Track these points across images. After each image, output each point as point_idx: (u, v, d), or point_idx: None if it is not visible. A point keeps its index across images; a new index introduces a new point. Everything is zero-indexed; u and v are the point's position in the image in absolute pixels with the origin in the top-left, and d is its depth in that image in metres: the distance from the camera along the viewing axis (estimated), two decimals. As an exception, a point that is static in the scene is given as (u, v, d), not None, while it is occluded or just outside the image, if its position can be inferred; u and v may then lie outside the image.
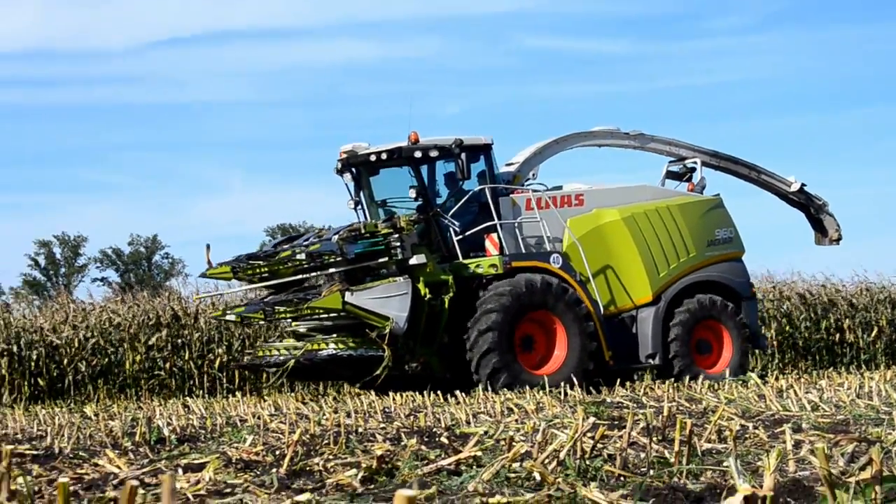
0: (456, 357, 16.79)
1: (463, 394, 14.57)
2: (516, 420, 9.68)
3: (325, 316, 16.65)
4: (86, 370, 22.25)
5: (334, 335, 16.74)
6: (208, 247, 16.99)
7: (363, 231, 16.49)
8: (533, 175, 18.97)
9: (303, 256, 16.55)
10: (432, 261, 16.63)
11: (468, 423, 9.78)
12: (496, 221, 17.32)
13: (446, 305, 16.59)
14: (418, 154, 17.26)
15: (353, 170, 17.88)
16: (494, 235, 17.34)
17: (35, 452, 8.59)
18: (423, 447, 7.60)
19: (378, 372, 15.98)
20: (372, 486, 6.18)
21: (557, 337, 17.08)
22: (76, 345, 22.50)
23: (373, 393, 15.39)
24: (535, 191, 18.36)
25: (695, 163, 19.84)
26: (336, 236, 16.47)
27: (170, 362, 22.58)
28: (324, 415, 11.60)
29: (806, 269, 32.68)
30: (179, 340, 22.94)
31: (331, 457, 7.41)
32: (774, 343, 27.71)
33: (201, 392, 18.86)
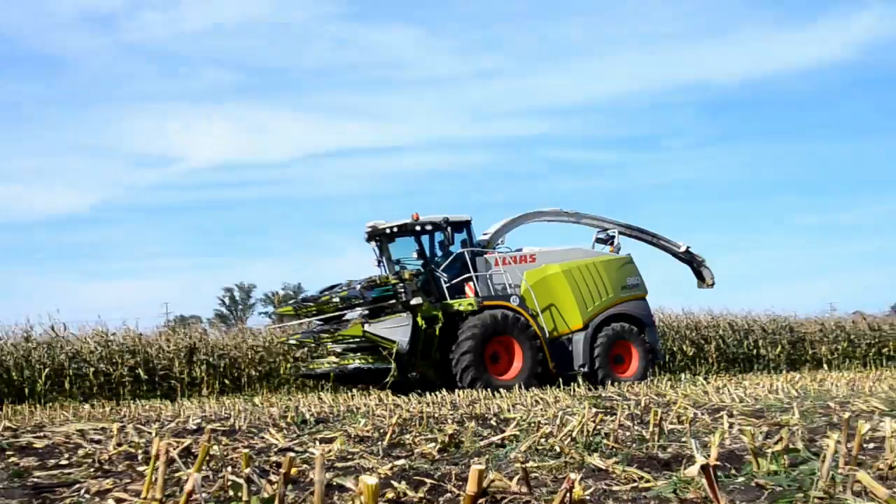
0: (445, 368, 16.64)
1: (493, 391, 14.41)
2: (541, 409, 9.54)
3: (352, 340, 16.40)
4: (255, 373, 22.34)
5: (359, 354, 16.46)
6: (277, 293, 17.52)
7: (378, 281, 16.40)
8: (501, 241, 18.74)
9: (337, 300, 16.50)
10: (427, 302, 16.54)
11: (509, 410, 9.65)
12: (472, 273, 17.22)
13: (437, 332, 16.52)
14: (418, 228, 17.26)
15: (376, 239, 17.88)
16: (471, 283, 17.23)
17: (223, 429, 8.58)
18: (479, 428, 7.50)
19: (387, 379, 15.87)
20: (445, 455, 6.09)
21: (515, 354, 16.90)
22: (249, 357, 22.60)
23: (434, 390, 15.24)
24: (500, 252, 18.15)
25: (614, 232, 19.56)
26: (359, 286, 16.46)
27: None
28: (412, 405, 11.50)
29: (732, 306, 32.00)
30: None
31: (417, 434, 7.32)
32: (714, 354, 27.37)
33: (330, 389, 18.72)
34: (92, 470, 5.71)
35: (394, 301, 16.11)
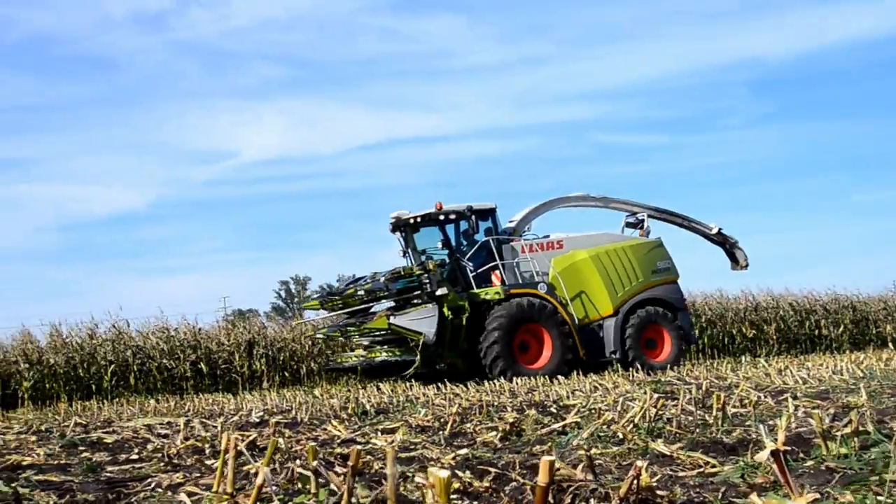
0: (474, 358, 16.44)
1: (547, 378, 14.37)
2: (601, 395, 9.50)
3: (378, 333, 16.22)
4: (314, 365, 22.55)
5: (386, 346, 16.34)
6: (303, 287, 17.29)
7: (403, 272, 16.21)
8: (528, 228, 18.48)
9: (362, 292, 16.38)
10: (453, 291, 16.32)
11: (568, 397, 9.62)
12: (498, 262, 17.04)
13: (464, 322, 16.29)
14: (442, 217, 17.09)
15: (401, 229, 17.71)
16: (497, 272, 17.06)
17: (285, 421, 8.68)
18: (539, 415, 7.48)
19: (411, 371, 15.73)
20: (507, 443, 6.09)
21: (545, 341, 16.69)
22: (307, 349, 22.81)
23: (496, 379, 15.23)
24: (527, 239, 17.95)
25: (643, 216, 19.25)
26: (383, 278, 16.27)
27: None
28: (470, 394, 11.52)
29: (792, 286, 31.51)
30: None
31: (477, 423, 7.33)
32: (775, 336, 26.94)
33: (388, 380, 18.83)
34: (162, 464, 5.83)
35: (419, 292, 15.96)
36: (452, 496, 3.05)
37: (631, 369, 16.05)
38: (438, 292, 15.89)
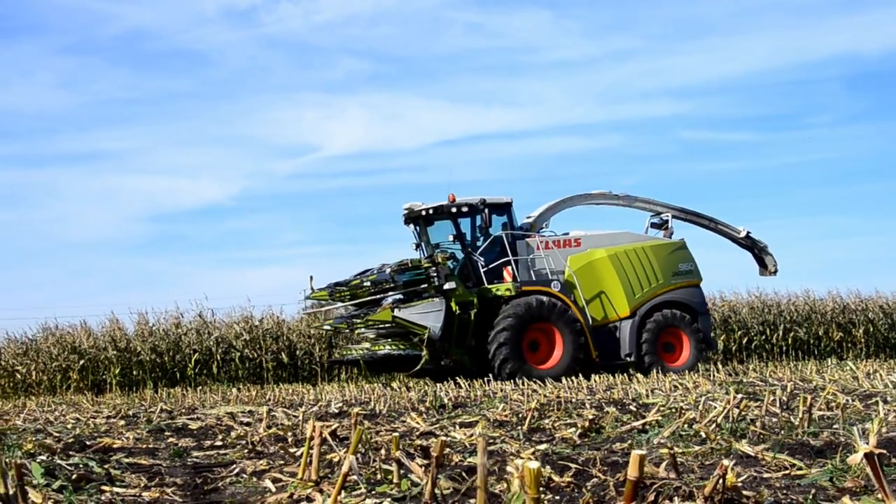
0: (482, 356, 15.92)
1: (626, 374, 14.20)
2: (681, 394, 9.37)
3: (383, 326, 15.73)
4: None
5: (390, 340, 15.86)
6: (311, 277, 16.47)
7: (410, 265, 15.77)
8: (546, 224, 17.93)
9: (368, 284, 15.91)
10: (461, 286, 15.91)
11: (647, 396, 9.51)
12: (510, 258, 16.48)
13: (472, 318, 15.86)
14: (454, 210, 16.51)
15: (414, 222, 17.22)
16: (510, 268, 16.50)
17: (365, 413, 8.78)
18: (618, 413, 7.42)
19: (419, 367, 15.34)
20: (586, 439, 6.06)
21: (556, 341, 16.13)
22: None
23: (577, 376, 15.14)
24: (543, 236, 17.40)
25: (667, 216, 18.56)
26: (389, 269, 15.84)
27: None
28: (548, 390, 11.48)
29: (883, 288, 30.48)
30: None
31: (556, 419, 7.31)
32: (863, 339, 26.16)
33: (462, 374, 18.76)
34: (245, 451, 5.96)
35: (425, 286, 15.52)
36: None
37: (651, 373, 15.40)
38: (446, 286, 15.48)
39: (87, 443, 6.60)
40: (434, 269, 15.51)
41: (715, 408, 6.45)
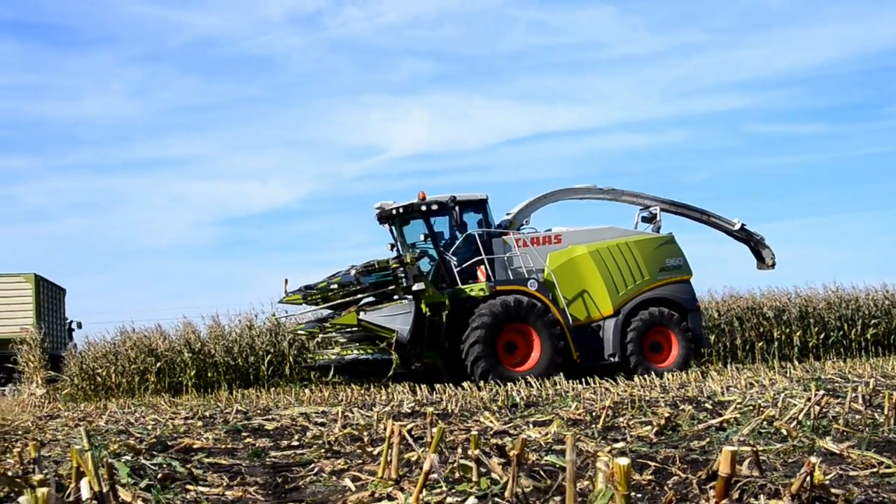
0: (456, 358, 15.38)
1: (654, 375, 13.94)
2: (757, 391, 9.20)
3: (349, 330, 15.28)
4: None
5: (358, 344, 15.47)
6: (286, 281, 16.08)
7: (377, 266, 15.08)
8: (526, 221, 17.31)
9: (335, 286, 15.37)
10: (431, 287, 15.37)
11: (723, 393, 9.37)
12: (483, 256, 15.92)
13: (444, 320, 15.28)
14: (424, 208, 15.97)
15: (388, 221, 16.74)
16: (483, 267, 15.91)
17: (437, 412, 8.81)
18: (693, 411, 7.33)
19: (391, 372, 14.84)
20: (662, 437, 6.00)
21: (534, 342, 15.57)
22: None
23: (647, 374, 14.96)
24: (521, 233, 16.78)
25: (656, 210, 17.91)
26: (354, 270, 15.26)
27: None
28: (620, 388, 11.38)
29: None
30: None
31: (630, 417, 7.24)
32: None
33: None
34: (322, 451, 6.03)
35: (393, 287, 14.98)
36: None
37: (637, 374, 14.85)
38: (415, 287, 14.93)
39: (169, 443, 6.76)
40: (402, 269, 14.92)
41: (794, 405, 6.33)
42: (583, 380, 14.30)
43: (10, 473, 4.05)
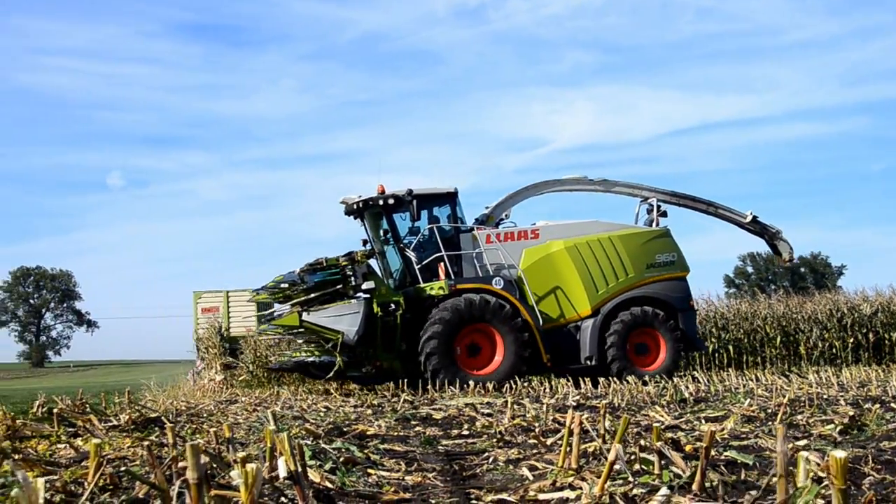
0: (413, 360, 14.57)
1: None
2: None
3: (293, 331, 14.58)
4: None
5: (307, 345, 14.89)
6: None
7: (325, 263, 14.40)
8: (506, 215, 16.27)
9: (285, 285, 14.66)
10: (383, 286, 14.63)
11: (910, 393, 8.88)
12: (443, 253, 15.02)
13: (398, 321, 14.47)
14: (381, 202, 15.12)
15: (355, 215, 15.84)
16: (443, 264, 15.02)
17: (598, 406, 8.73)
18: (880, 410, 6.97)
19: (331, 374, 14.26)
20: (847, 437, 5.74)
21: (497, 344, 14.64)
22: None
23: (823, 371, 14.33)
24: (493, 228, 15.78)
25: (653, 201, 16.51)
26: (299, 269, 14.59)
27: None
28: (796, 386, 10.97)
29: None
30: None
31: (810, 415, 6.97)
32: None
33: (699, 368, 18.28)
34: (494, 440, 6.10)
35: (340, 287, 14.31)
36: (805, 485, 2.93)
37: (613, 377, 13.90)
38: (364, 286, 14.32)
39: (344, 429, 7.00)
40: (350, 267, 14.37)
41: None
42: (754, 377, 13.85)
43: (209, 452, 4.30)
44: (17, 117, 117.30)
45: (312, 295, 14.34)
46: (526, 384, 13.60)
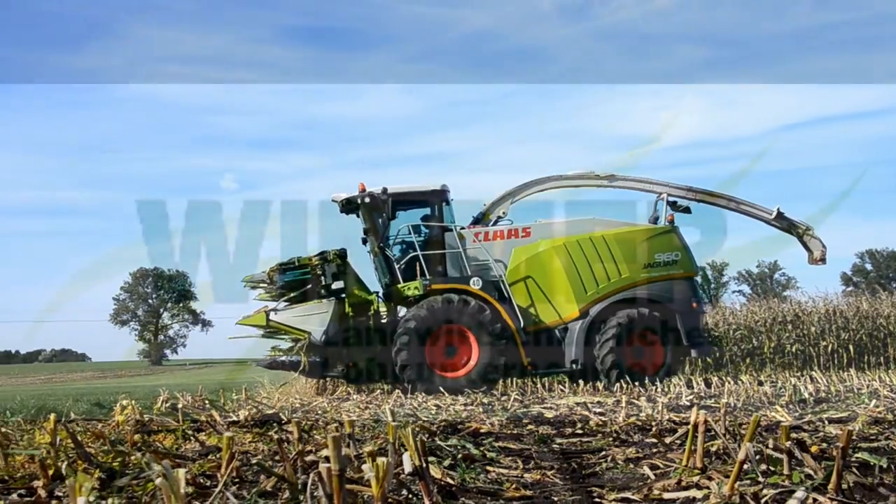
0: (389, 361, 14.10)
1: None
2: None
3: (264, 330, 14.22)
4: (737, 351, 22.05)
5: (281, 345, 14.39)
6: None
7: (297, 263, 14.18)
8: (504, 213, 15.45)
9: (251, 285, 14.48)
10: (355, 286, 14.28)
11: None
12: (419, 252, 14.48)
13: (371, 322, 14.21)
14: (359, 201, 14.67)
15: (347, 213, 15.33)
16: (418, 263, 14.47)
17: (715, 406, 8.55)
18: None
19: (296, 374, 14.16)
20: None
21: (472, 346, 14.05)
22: (729, 335, 22.34)
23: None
24: (483, 227, 15.10)
25: (665, 197, 15.29)
26: (269, 268, 14.32)
27: (795, 347, 21.74)
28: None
29: None
30: (797, 332, 22.04)
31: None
32: None
33: (817, 368, 17.77)
34: (609, 439, 6.04)
35: (310, 287, 14.06)
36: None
37: (604, 382, 13.40)
38: (334, 286, 14.11)
39: (458, 427, 7.04)
40: (321, 267, 14.17)
41: None
42: (877, 377, 13.35)
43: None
44: (143, 123, 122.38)
45: (282, 294, 14.32)
46: (636, 385, 13.41)
